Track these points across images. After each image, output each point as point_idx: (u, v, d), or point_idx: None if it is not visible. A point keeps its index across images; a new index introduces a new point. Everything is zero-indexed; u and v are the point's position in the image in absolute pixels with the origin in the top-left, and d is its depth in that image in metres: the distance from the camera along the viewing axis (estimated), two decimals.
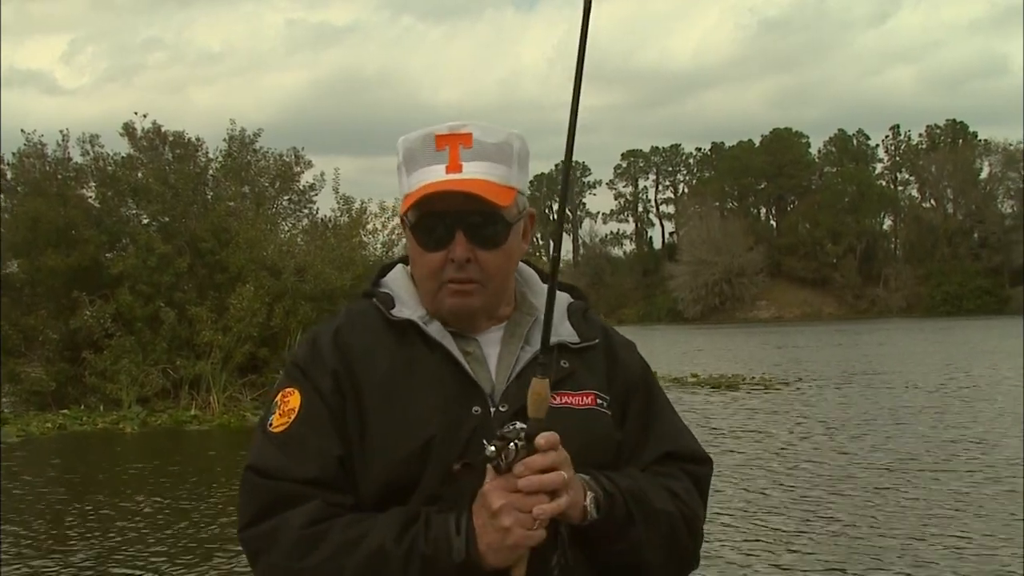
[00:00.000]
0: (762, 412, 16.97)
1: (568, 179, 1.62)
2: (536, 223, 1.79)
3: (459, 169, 1.65)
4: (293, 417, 1.65)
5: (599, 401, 1.70)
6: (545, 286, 1.79)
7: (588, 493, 1.58)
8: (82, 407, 18.08)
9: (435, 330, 1.68)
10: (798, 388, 21.13)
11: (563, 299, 1.79)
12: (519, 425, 1.50)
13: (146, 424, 16.78)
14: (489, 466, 1.50)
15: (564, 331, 1.73)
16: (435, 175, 1.65)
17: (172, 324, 18.42)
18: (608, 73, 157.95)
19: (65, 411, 17.74)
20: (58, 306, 19.22)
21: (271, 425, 1.67)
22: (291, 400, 1.67)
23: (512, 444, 1.48)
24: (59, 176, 20.52)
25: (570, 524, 1.58)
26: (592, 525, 1.59)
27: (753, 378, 23.67)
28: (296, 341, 18.40)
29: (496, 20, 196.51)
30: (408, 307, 1.71)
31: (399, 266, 1.81)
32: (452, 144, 1.66)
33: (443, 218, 1.65)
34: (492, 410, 1.63)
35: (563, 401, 1.65)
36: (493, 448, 1.48)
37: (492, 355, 1.70)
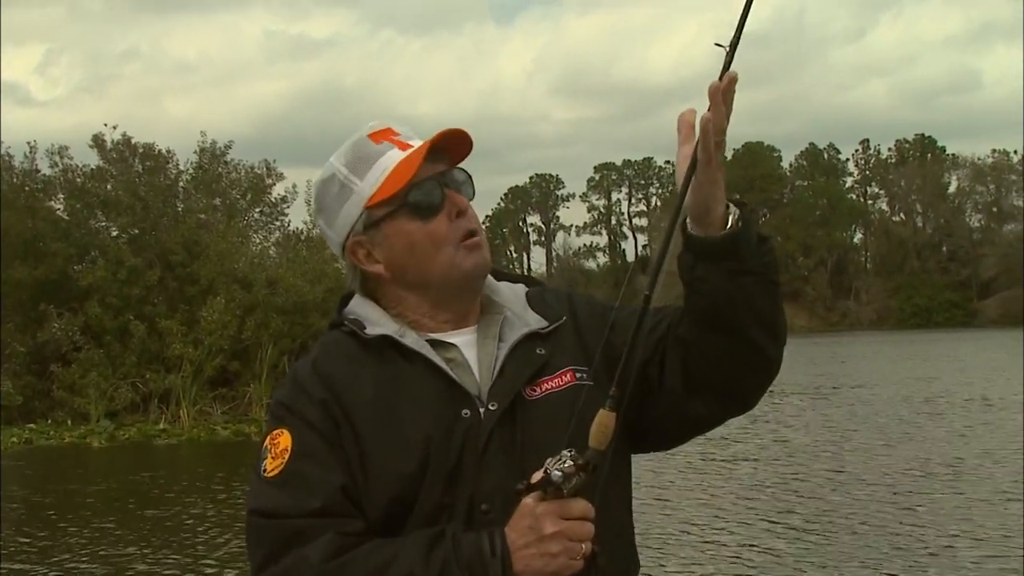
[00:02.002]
0: (736, 425, 17.01)
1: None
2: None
3: (410, 146, 1.67)
4: (287, 457, 1.59)
5: (578, 375, 1.68)
6: (501, 283, 1.79)
7: (731, 207, 1.56)
8: (49, 421, 17.85)
9: (412, 341, 1.65)
10: (776, 401, 21.22)
11: (519, 291, 1.79)
12: (575, 453, 1.48)
13: (114, 438, 16.59)
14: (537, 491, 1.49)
15: (531, 319, 1.71)
16: (396, 157, 1.66)
17: (142, 337, 18.25)
18: (587, 86, 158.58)
19: (32, 425, 17.51)
20: (25, 319, 19.00)
21: (265, 471, 1.60)
22: (281, 441, 1.61)
23: (578, 473, 1.47)
24: (27, 188, 20.31)
25: (706, 240, 1.56)
26: (734, 237, 1.56)
27: None
28: (268, 354, 18.44)
29: (476, 34, 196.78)
30: (380, 325, 1.68)
31: (355, 296, 1.77)
32: (385, 136, 1.69)
33: (428, 183, 1.65)
34: (481, 410, 1.61)
35: (544, 389, 1.65)
36: (560, 474, 1.46)
37: (471, 357, 1.68)
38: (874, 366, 32.28)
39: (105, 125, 21.07)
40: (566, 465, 1.46)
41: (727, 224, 1.56)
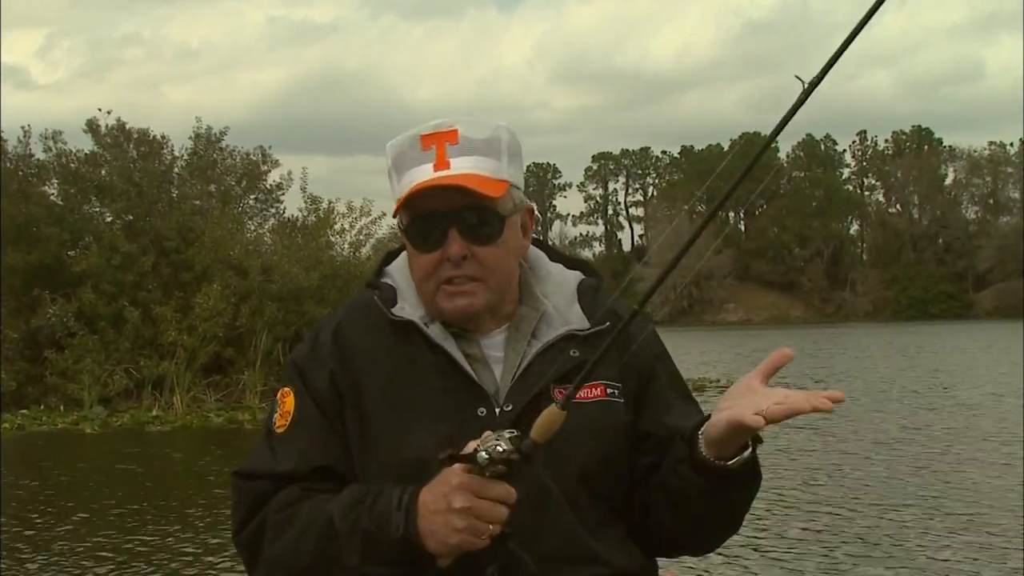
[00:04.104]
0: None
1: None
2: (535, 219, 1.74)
3: (447, 166, 1.61)
4: (289, 419, 1.65)
5: (609, 391, 1.66)
6: (554, 266, 1.76)
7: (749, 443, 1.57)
8: (42, 407, 17.80)
9: (436, 332, 1.64)
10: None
11: (572, 279, 1.76)
12: (513, 436, 1.43)
13: (107, 425, 16.53)
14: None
15: (573, 316, 1.68)
16: (423, 174, 1.62)
17: (136, 323, 18.19)
18: (588, 74, 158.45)
19: (25, 411, 17.45)
20: (19, 304, 18.93)
21: (275, 425, 1.67)
22: (287, 402, 1.67)
23: (504, 463, 1.43)
24: (20, 172, 20.22)
25: (711, 465, 1.56)
26: (733, 469, 1.57)
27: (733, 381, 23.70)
28: (262, 341, 18.39)
29: (478, 19, 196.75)
30: (410, 303, 1.67)
31: (404, 254, 1.75)
32: (438, 142, 1.63)
33: (435, 218, 1.62)
34: (497, 410, 1.59)
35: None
36: (486, 456, 1.42)
37: (497, 354, 1.66)
38: (882, 357, 32.31)
39: (99, 110, 20.95)
40: (497, 450, 1.42)
41: (733, 457, 1.55)
